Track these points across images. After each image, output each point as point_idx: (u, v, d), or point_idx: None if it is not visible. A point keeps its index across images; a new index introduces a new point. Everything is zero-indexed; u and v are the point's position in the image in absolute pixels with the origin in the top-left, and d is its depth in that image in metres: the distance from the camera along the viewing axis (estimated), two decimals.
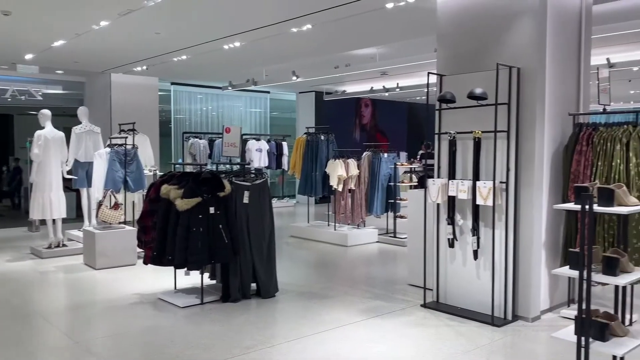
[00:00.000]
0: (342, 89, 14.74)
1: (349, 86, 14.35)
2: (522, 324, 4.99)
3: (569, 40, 5.41)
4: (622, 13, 6.86)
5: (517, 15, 5.09)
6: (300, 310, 5.46)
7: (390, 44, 8.96)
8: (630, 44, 8.65)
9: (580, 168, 5.05)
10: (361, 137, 16.24)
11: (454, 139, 5.40)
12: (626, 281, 2.79)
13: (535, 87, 5.00)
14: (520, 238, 5.09)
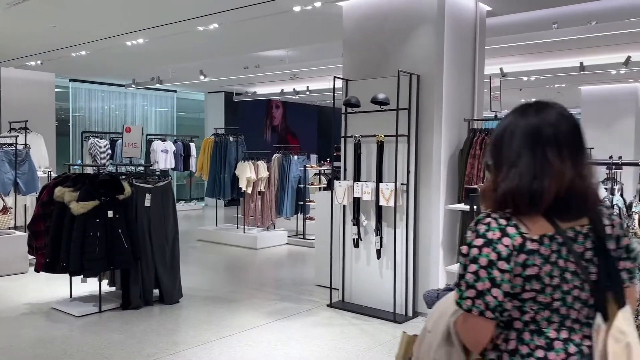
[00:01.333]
0: (252, 90, 14.63)
1: (260, 87, 14.28)
2: (422, 319, 5.20)
3: (465, 50, 5.74)
4: (515, 26, 7.38)
5: (418, 25, 5.32)
6: (205, 315, 5.35)
7: (300, 47, 9.03)
8: (522, 55, 9.32)
9: (474, 171, 5.36)
10: (272, 139, 16.22)
11: (358, 142, 5.54)
12: None
13: (434, 93, 5.25)
14: (420, 237, 5.32)
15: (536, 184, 1.36)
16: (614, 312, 1.42)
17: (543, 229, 1.39)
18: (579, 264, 1.40)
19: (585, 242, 1.43)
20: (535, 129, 1.40)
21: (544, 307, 1.40)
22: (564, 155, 1.38)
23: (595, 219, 1.44)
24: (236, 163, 9.15)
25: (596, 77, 11.14)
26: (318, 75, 10.64)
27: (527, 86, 12.34)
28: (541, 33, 7.24)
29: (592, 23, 6.68)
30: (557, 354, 1.39)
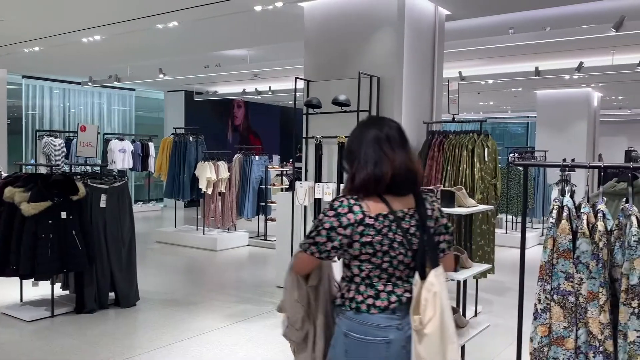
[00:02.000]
0: (213, 90, 14.46)
1: (221, 87, 14.13)
2: None
3: (424, 53, 5.82)
4: (473, 30, 7.53)
5: (378, 27, 5.36)
6: (163, 318, 5.24)
7: (261, 47, 8.97)
8: (480, 59, 9.52)
9: (433, 172, 5.44)
10: (234, 139, 16.07)
11: (320, 143, 5.53)
12: (464, 276, 3.05)
13: (394, 95, 5.29)
14: None
15: (377, 169, 1.88)
16: (429, 271, 1.90)
17: (380, 209, 1.88)
18: (404, 236, 1.90)
19: (411, 220, 1.92)
20: (375, 135, 1.92)
21: (376, 267, 1.89)
22: (394, 148, 1.91)
23: (420, 204, 1.94)
24: (196, 163, 9.02)
25: (551, 82, 11.50)
26: (280, 75, 10.60)
27: (485, 89, 12.61)
28: (498, 38, 7.41)
29: (546, 29, 6.89)
30: (382, 301, 1.90)
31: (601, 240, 2.24)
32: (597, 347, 2.23)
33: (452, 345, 1.86)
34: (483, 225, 5.25)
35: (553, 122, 12.97)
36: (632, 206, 2.25)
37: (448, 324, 1.86)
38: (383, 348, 1.87)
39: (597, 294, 2.23)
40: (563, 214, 2.36)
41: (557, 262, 2.34)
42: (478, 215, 5.20)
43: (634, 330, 2.15)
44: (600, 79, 10.99)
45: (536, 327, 2.39)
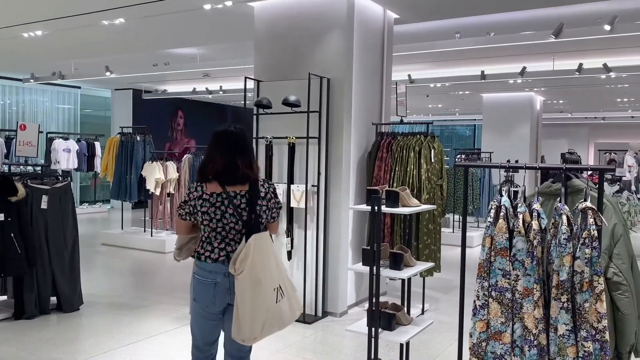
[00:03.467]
0: (162, 88, 14.18)
1: (170, 86, 13.87)
2: (331, 319, 5.28)
3: (373, 55, 5.90)
4: (421, 34, 7.69)
5: (328, 29, 5.40)
6: (108, 323, 5.10)
7: (212, 46, 8.87)
8: (428, 62, 9.74)
9: (381, 173, 5.53)
10: (178, 140, 15.79)
11: (270, 144, 5.52)
12: (408, 274, 3.13)
13: (343, 97, 5.35)
14: (330, 238, 5.39)
15: (205, 165, 2.75)
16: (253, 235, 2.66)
17: (214, 189, 2.70)
18: (235, 210, 2.67)
19: (242, 199, 2.69)
20: (216, 141, 2.75)
21: (212, 230, 2.71)
22: (224, 152, 2.70)
23: (252, 187, 2.72)
24: (143, 163, 8.82)
25: (496, 86, 11.89)
26: (231, 74, 10.50)
27: (434, 92, 12.91)
28: (445, 42, 7.60)
29: (490, 34, 7.12)
30: (215, 254, 2.71)
31: (535, 239, 2.35)
32: (531, 341, 2.32)
33: (259, 287, 2.60)
34: (429, 225, 5.38)
35: (498, 124, 13.41)
36: (563, 205, 2.36)
37: (258, 272, 2.60)
38: (212, 286, 2.70)
39: (532, 290, 2.33)
40: (500, 213, 2.45)
41: (495, 259, 2.43)
42: (425, 215, 5.32)
43: (563, 324, 2.26)
44: (542, 83, 11.45)
45: (475, 322, 2.47)
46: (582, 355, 2.24)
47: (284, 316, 2.69)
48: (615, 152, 19.11)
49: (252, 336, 2.63)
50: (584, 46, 7.83)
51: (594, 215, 2.28)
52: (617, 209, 2.75)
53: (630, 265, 2.66)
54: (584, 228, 2.28)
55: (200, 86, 13.01)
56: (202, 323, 2.82)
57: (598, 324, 2.23)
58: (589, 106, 16.36)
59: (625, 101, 14.56)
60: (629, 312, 2.58)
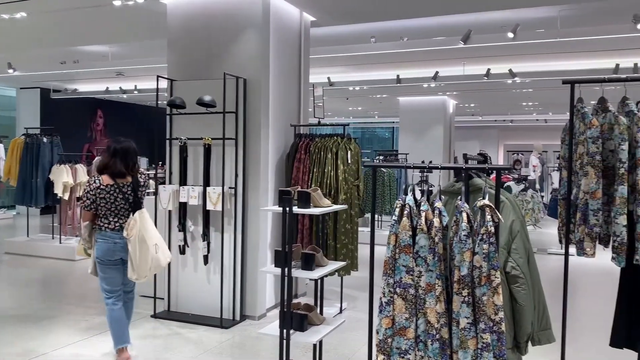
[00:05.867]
0: (73, 87, 13.46)
1: (82, 85, 13.21)
2: (249, 322, 5.23)
3: (291, 56, 5.91)
4: (339, 38, 7.80)
5: (243, 29, 5.34)
6: (10, 335, 4.76)
7: (124, 44, 8.53)
8: (346, 65, 9.90)
9: (300, 174, 5.54)
10: (98, 141, 15.09)
11: (185, 145, 5.39)
12: (319, 275, 3.15)
13: (261, 97, 5.31)
14: (248, 241, 5.34)
15: (105, 166, 4.02)
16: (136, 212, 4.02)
17: (108, 181, 3.98)
18: (124, 196, 3.99)
19: (128, 188, 4.02)
20: (111, 149, 4.06)
21: (108, 209, 3.98)
22: (115, 157, 4.01)
23: (134, 179, 4.06)
24: (51, 166, 8.32)
25: (411, 89, 12.29)
26: (146, 73, 10.15)
27: (353, 95, 13.15)
28: (362, 46, 7.76)
29: (404, 39, 7.35)
30: (112, 225, 3.99)
31: (437, 236, 2.43)
32: (434, 335, 2.41)
33: (144, 244, 3.93)
34: (347, 225, 5.46)
35: (414, 127, 13.88)
36: (464, 203, 2.46)
37: (142, 234, 3.93)
38: (112, 244, 4.00)
39: (434, 285, 2.42)
40: (405, 212, 2.52)
41: (399, 257, 2.50)
42: (342, 215, 5.39)
43: (464, 318, 2.36)
44: (454, 87, 11.97)
45: (381, 319, 2.52)
46: (481, 346, 2.35)
47: (161, 261, 4.06)
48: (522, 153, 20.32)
49: (142, 276, 3.98)
50: (491, 52, 8.27)
51: (491, 212, 2.40)
52: (515, 206, 2.90)
53: (527, 259, 2.82)
54: (482, 225, 2.39)
55: (114, 85, 12.49)
56: (107, 272, 4.06)
57: (495, 316, 2.34)
58: (498, 109, 17.31)
59: (530, 105, 15.54)
60: (526, 304, 2.73)
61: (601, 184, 2.90)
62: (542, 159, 13.91)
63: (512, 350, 2.73)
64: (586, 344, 4.58)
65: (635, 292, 3.06)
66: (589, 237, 2.96)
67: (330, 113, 17.63)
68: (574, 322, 4.98)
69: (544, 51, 8.12)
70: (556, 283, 3.43)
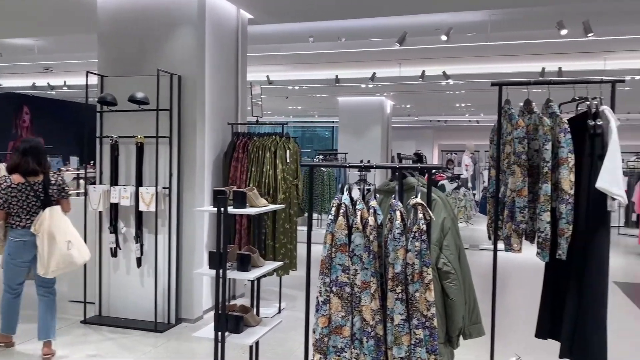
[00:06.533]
0: None
1: (6, 80, 12.48)
2: (185, 325, 5.11)
3: (228, 54, 5.82)
4: (277, 36, 7.76)
5: (178, 25, 5.21)
6: None
7: (52, 37, 8.12)
8: (286, 64, 9.88)
9: (237, 173, 5.47)
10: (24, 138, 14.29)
11: (116, 144, 5.19)
12: (255, 275, 3.11)
13: (196, 95, 5.20)
14: (184, 242, 5.21)
15: (16, 165, 4.12)
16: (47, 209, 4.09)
17: (19, 180, 4.05)
18: (35, 194, 4.09)
19: (39, 186, 4.10)
20: (19, 148, 4.17)
21: (20, 207, 4.06)
22: (29, 157, 4.10)
23: (45, 177, 4.13)
24: None
25: (350, 90, 12.43)
26: (75, 69, 9.70)
27: (292, 94, 13.13)
28: (300, 45, 7.76)
29: (342, 39, 7.41)
30: (24, 223, 4.09)
31: (372, 234, 2.46)
32: (369, 332, 2.43)
33: (53, 240, 4.01)
34: (286, 224, 5.43)
35: (353, 126, 14.04)
36: (397, 202, 2.50)
37: (52, 230, 4.01)
38: (22, 244, 4.09)
39: (369, 283, 2.44)
40: (341, 211, 2.54)
41: (336, 255, 2.51)
42: (281, 215, 5.36)
43: (398, 314, 2.40)
44: (390, 88, 12.21)
45: (318, 318, 2.52)
46: (415, 342, 2.39)
47: (75, 259, 4.11)
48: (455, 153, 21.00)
49: (50, 271, 4.02)
50: (426, 54, 8.49)
51: (423, 210, 2.45)
52: (446, 204, 2.98)
53: (458, 255, 2.90)
54: (414, 222, 2.43)
55: (42, 81, 11.88)
56: (14, 270, 4.18)
57: (427, 311, 2.39)
58: (433, 110, 17.82)
59: (463, 106, 16.09)
60: (457, 299, 2.81)
61: (527, 183, 3.03)
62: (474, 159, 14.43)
63: (445, 344, 2.81)
64: (514, 336, 4.78)
65: (558, 286, 3.22)
66: (516, 234, 3.09)
67: (270, 112, 17.55)
68: (503, 316, 5.19)
69: (476, 54, 8.42)
70: (487, 278, 3.55)
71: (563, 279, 3.16)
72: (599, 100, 3.01)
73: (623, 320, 5.44)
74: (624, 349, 4.58)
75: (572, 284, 3.08)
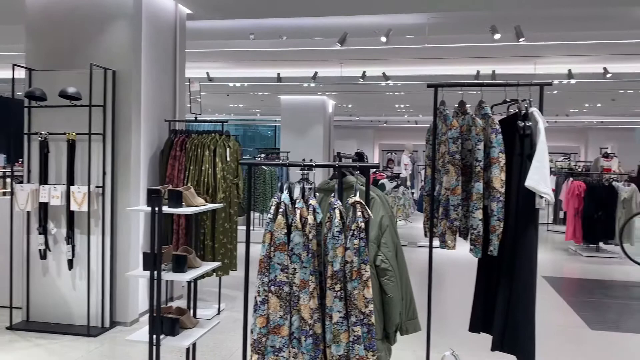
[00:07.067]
0: None
1: None
2: (120, 329, 4.94)
3: (165, 49, 5.67)
4: (218, 32, 7.64)
5: (112, 18, 5.03)
6: None
7: None
8: (226, 61, 9.74)
9: (175, 172, 5.34)
10: None
11: (45, 141, 4.95)
12: (191, 276, 3.05)
13: (131, 91, 5.03)
14: (118, 243, 5.03)
15: None
16: None
17: None
18: None
19: None
20: None
21: None
22: None
23: None
24: None
25: (292, 88, 12.43)
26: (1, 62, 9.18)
27: (234, 92, 12.99)
28: (241, 42, 7.68)
29: (283, 38, 7.38)
30: None
31: (311, 232, 2.46)
32: (307, 331, 2.43)
33: None
34: (226, 224, 5.36)
35: (295, 125, 14.04)
36: (337, 200, 2.52)
37: None
38: None
39: (308, 282, 2.44)
40: (280, 209, 2.52)
41: (274, 255, 2.49)
42: (221, 214, 5.28)
43: (337, 312, 2.41)
44: (332, 88, 12.30)
45: (256, 318, 2.50)
46: (353, 339, 2.41)
47: None
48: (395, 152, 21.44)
49: None
50: (366, 55, 8.60)
51: (361, 208, 2.47)
52: (384, 202, 3.03)
53: (395, 252, 2.96)
54: (353, 221, 2.45)
55: None
56: None
57: (365, 308, 2.42)
58: (374, 111, 18.11)
59: (402, 107, 16.44)
60: (394, 295, 2.86)
61: (460, 181, 3.13)
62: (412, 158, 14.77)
63: (382, 340, 2.85)
64: (449, 330, 4.93)
65: (490, 281, 3.35)
66: (450, 231, 3.18)
67: (211, 109, 17.27)
68: (438, 311, 5.35)
69: (414, 56, 8.62)
70: (425, 274, 3.64)
71: (494, 274, 3.28)
72: (528, 103, 3.14)
73: (551, 313, 5.73)
74: (552, 341, 4.82)
75: (502, 279, 3.21)
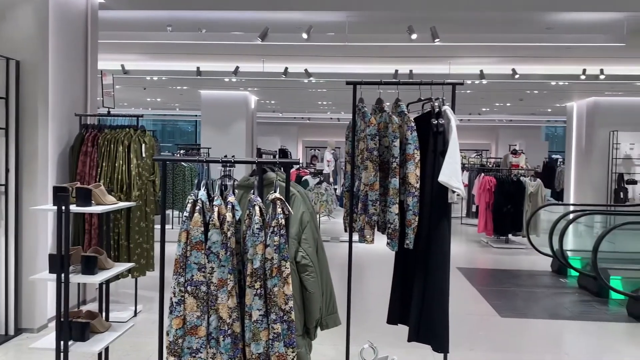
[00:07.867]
0: None
1: None
2: (27, 336, 4.64)
3: (75, 40, 5.37)
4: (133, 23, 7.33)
5: (15, 4, 4.70)
6: None
7: None
8: (143, 53, 9.38)
9: (86, 169, 5.07)
10: None
11: None
12: (102, 278, 2.91)
13: (38, 82, 4.73)
14: (23, 245, 4.72)
15: None
16: None
17: None
18: None
19: None
20: None
21: None
22: None
23: None
24: None
25: (212, 83, 12.18)
26: None
27: (151, 85, 12.54)
28: (158, 34, 7.42)
29: (202, 31, 7.21)
30: None
31: (229, 230, 2.42)
32: (226, 331, 2.39)
33: None
34: (141, 223, 5.17)
35: (216, 121, 13.78)
36: (256, 197, 2.49)
37: None
38: None
39: (226, 280, 2.40)
40: (197, 207, 2.46)
41: (191, 254, 2.43)
42: (136, 213, 5.09)
43: (257, 310, 2.39)
44: (254, 83, 12.18)
45: (172, 320, 2.43)
46: (272, 337, 2.40)
47: None
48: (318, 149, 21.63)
49: None
50: (288, 51, 8.59)
51: (281, 205, 2.46)
52: (305, 199, 3.04)
53: (316, 248, 2.98)
54: (273, 217, 2.44)
55: None
56: None
57: (285, 305, 2.42)
58: (297, 107, 18.14)
59: (325, 104, 16.59)
60: (315, 291, 2.88)
61: (378, 177, 3.20)
62: (335, 155, 14.98)
63: (302, 336, 2.86)
64: (368, 323, 5.04)
65: (407, 274, 3.45)
66: (369, 225, 3.24)
67: (127, 103, 16.57)
68: (358, 304, 5.45)
69: (335, 54, 8.71)
70: (345, 268, 3.69)
71: (410, 267, 3.38)
72: (441, 101, 3.26)
73: (464, 302, 6.01)
74: (465, 328, 5.06)
75: (418, 271, 3.31)
